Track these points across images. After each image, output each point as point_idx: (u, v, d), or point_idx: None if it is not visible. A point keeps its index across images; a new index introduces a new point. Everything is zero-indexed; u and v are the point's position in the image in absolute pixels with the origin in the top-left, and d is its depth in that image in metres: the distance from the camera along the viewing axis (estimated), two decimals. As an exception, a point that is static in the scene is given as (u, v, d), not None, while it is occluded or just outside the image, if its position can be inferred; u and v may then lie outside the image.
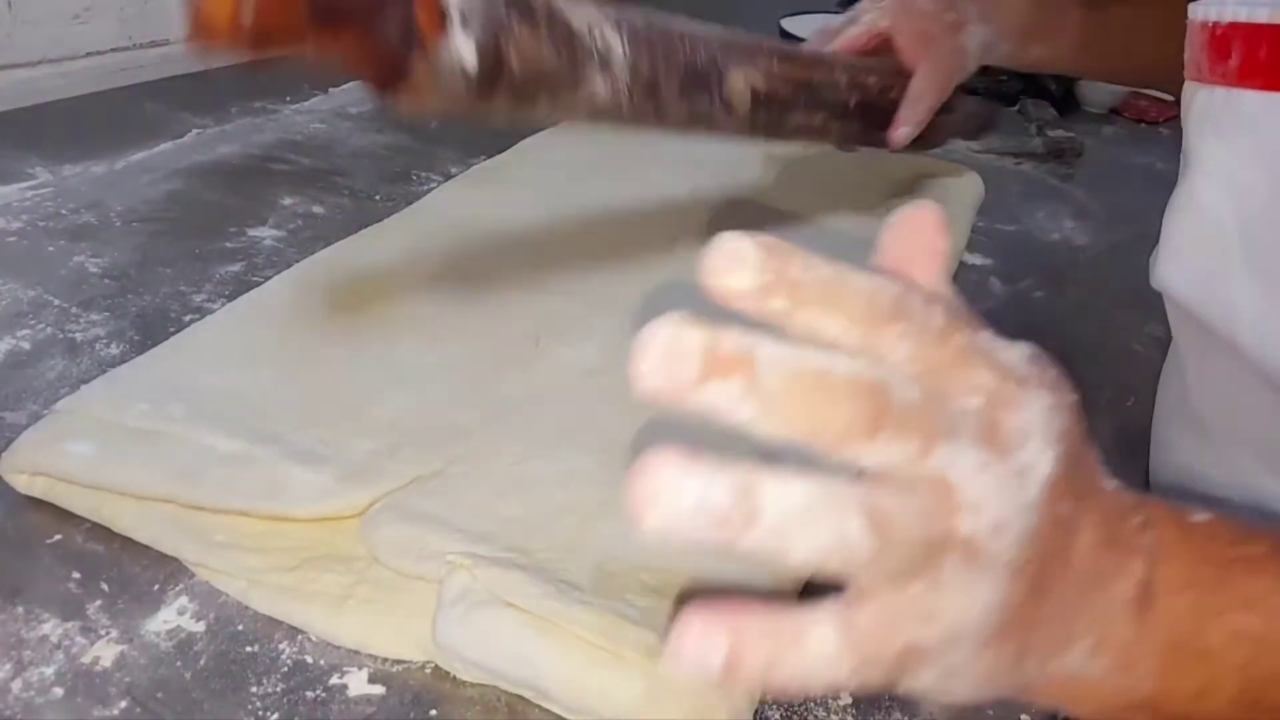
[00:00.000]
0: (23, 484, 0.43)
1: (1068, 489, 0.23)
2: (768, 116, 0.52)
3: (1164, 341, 0.64)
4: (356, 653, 0.37)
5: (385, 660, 0.37)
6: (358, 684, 0.36)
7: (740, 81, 0.49)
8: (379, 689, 0.36)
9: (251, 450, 0.43)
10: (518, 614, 0.36)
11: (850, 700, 0.37)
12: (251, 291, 0.56)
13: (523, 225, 0.65)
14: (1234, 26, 0.39)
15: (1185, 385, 0.48)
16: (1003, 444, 0.22)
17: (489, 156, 0.81)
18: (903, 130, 0.59)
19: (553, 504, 0.43)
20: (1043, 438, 0.23)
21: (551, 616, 0.36)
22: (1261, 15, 0.38)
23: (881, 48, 0.60)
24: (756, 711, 0.36)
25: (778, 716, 0.36)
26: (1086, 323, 0.65)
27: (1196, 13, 0.41)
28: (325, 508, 0.42)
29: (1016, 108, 1.05)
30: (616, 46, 0.40)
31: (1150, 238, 0.82)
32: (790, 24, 1.10)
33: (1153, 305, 0.68)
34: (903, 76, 0.60)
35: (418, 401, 0.48)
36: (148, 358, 0.50)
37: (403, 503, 0.42)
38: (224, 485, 0.42)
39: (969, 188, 0.78)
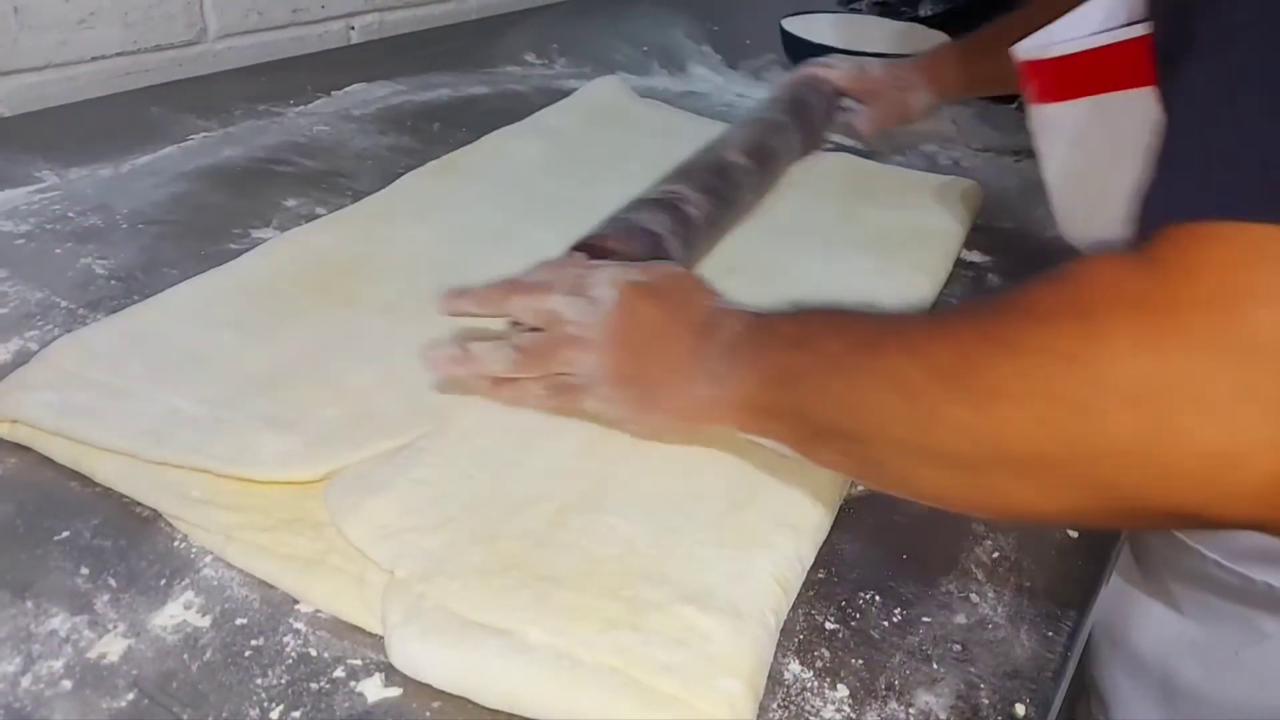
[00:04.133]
0: (4, 431, 0.45)
1: (641, 302, 0.44)
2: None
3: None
4: (359, 644, 0.38)
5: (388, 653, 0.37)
6: (362, 674, 0.37)
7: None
8: (381, 679, 0.36)
9: (219, 412, 0.45)
10: (480, 629, 0.36)
11: (847, 692, 0.38)
12: (227, 264, 0.59)
13: (490, 214, 0.68)
14: (1024, 64, 0.57)
15: None
16: (583, 290, 0.45)
17: (491, 157, 0.82)
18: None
19: (524, 491, 0.43)
20: (608, 285, 0.44)
21: (516, 628, 0.36)
22: (1033, 54, 0.56)
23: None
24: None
25: (775, 705, 0.37)
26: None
27: (1013, 51, 0.57)
28: (288, 472, 0.43)
29: (1015, 105, 1.05)
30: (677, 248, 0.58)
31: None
32: (791, 24, 1.10)
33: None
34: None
35: (388, 375, 0.49)
36: (123, 315, 0.53)
37: (367, 474, 0.43)
38: (191, 444, 0.43)
39: (968, 194, 0.78)
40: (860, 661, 0.39)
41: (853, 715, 0.37)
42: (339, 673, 0.36)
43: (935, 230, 0.72)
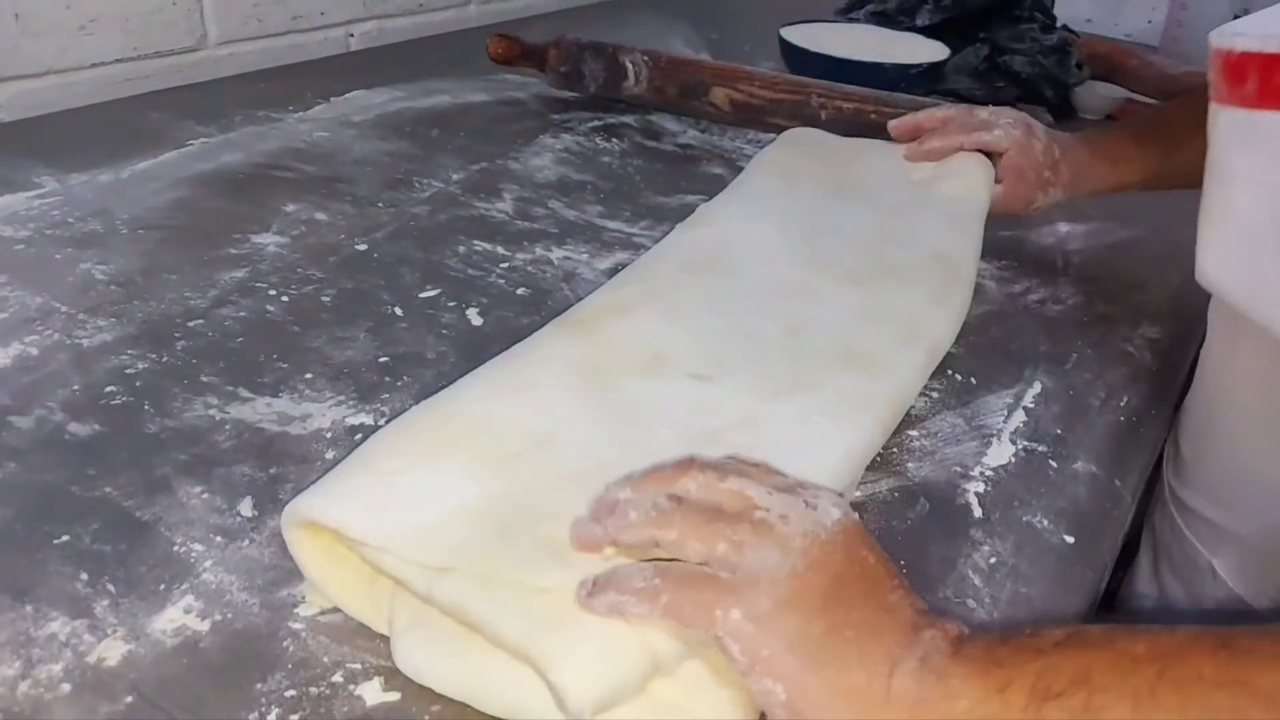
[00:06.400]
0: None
1: (864, 545, 0.34)
2: (746, 115, 0.93)
3: (1157, 343, 0.65)
4: (358, 648, 0.38)
5: (387, 657, 0.37)
6: (361, 678, 0.37)
7: (720, 94, 0.93)
8: (380, 683, 0.36)
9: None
10: (484, 640, 0.35)
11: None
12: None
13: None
14: (1247, 56, 0.44)
15: (1225, 372, 0.55)
16: (798, 489, 0.35)
17: (488, 163, 0.82)
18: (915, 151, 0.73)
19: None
20: (830, 500, 0.35)
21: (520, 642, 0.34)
22: (1272, 46, 0.43)
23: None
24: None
25: (773, 712, 0.37)
26: (1080, 325, 0.66)
27: (1214, 40, 0.46)
28: None
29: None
30: (642, 68, 0.95)
31: (1143, 241, 0.83)
32: (789, 33, 1.10)
33: (1145, 308, 0.69)
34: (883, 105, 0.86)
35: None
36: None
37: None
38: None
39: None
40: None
41: (851, 720, 0.37)
42: (338, 677, 0.36)
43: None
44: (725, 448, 0.42)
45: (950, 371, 0.58)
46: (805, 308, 0.54)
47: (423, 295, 0.62)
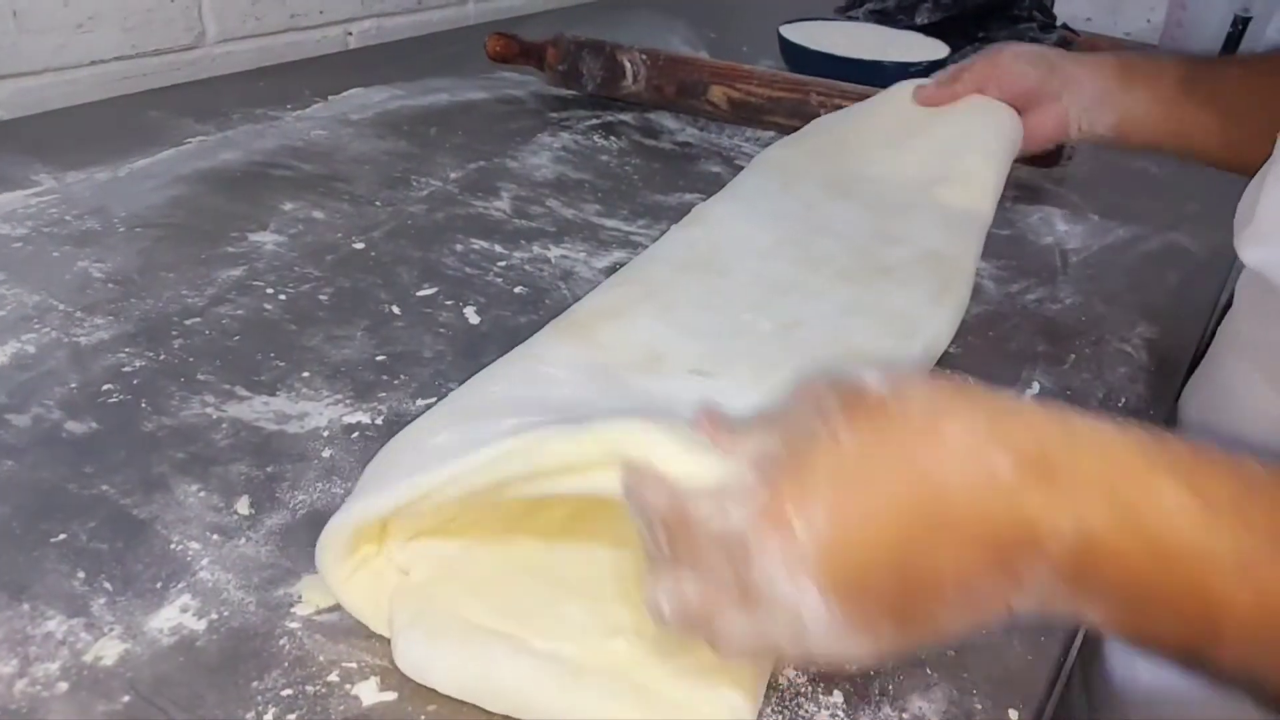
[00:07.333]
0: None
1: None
2: (744, 114, 0.94)
3: (1155, 343, 0.65)
4: (355, 648, 0.38)
5: (383, 657, 0.37)
6: (357, 678, 0.37)
7: (719, 93, 0.94)
8: (377, 683, 0.36)
9: None
10: (487, 633, 0.36)
11: (841, 698, 0.38)
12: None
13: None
14: None
15: (1251, 347, 0.56)
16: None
17: (486, 162, 0.82)
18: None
19: None
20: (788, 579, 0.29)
21: (522, 633, 0.35)
22: None
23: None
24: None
25: (770, 710, 0.37)
26: (1079, 325, 0.66)
27: None
28: None
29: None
30: (640, 67, 0.95)
31: (1141, 241, 0.83)
32: (789, 31, 1.10)
33: (1144, 307, 0.69)
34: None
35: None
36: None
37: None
38: None
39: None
40: (854, 667, 0.39)
41: (847, 720, 0.37)
42: (334, 676, 0.37)
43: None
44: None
45: (948, 371, 0.58)
46: (800, 305, 0.54)
47: (420, 294, 0.62)
